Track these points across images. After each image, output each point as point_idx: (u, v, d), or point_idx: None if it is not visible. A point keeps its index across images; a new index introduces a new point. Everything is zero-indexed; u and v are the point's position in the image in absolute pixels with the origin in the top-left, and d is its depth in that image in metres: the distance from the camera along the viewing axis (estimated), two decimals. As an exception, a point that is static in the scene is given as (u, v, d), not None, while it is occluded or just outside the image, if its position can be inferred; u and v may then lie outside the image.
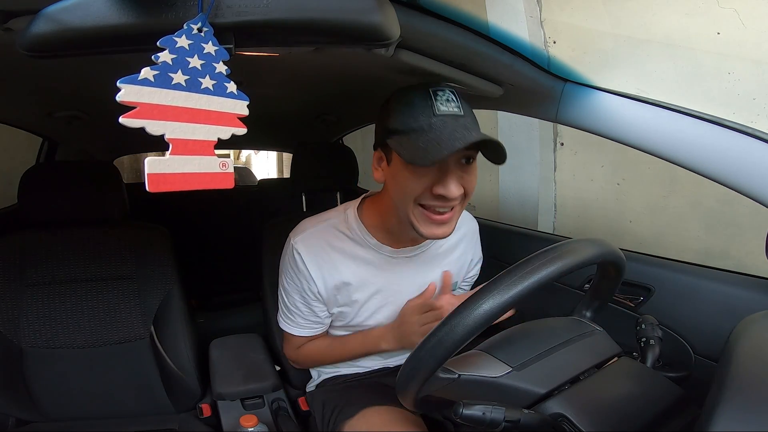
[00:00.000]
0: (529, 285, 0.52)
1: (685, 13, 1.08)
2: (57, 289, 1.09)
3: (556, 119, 0.91)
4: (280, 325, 0.99)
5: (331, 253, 0.86)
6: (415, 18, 0.62)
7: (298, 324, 0.95)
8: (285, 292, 0.94)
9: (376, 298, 0.91)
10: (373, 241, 0.86)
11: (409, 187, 0.71)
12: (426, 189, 0.70)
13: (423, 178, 0.70)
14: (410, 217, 0.73)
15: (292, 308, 0.94)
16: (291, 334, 0.97)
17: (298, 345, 0.99)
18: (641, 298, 0.93)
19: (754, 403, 0.37)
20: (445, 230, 0.74)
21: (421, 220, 0.73)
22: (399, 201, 0.75)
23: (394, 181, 0.75)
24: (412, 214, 0.73)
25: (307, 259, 0.85)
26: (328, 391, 1.00)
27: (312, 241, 0.86)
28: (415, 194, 0.71)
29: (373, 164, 0.81)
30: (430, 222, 0.73)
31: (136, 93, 0.43)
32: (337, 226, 0.87)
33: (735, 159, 0.70)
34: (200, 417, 1.07)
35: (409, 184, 0.71)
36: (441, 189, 0.69)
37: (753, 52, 1.06)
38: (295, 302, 0.92)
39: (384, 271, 0.88)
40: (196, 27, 0.45)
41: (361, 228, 0.86)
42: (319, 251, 0.85)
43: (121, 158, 2.86)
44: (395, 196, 0.76)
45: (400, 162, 0.72)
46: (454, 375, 0.57)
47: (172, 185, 0.45)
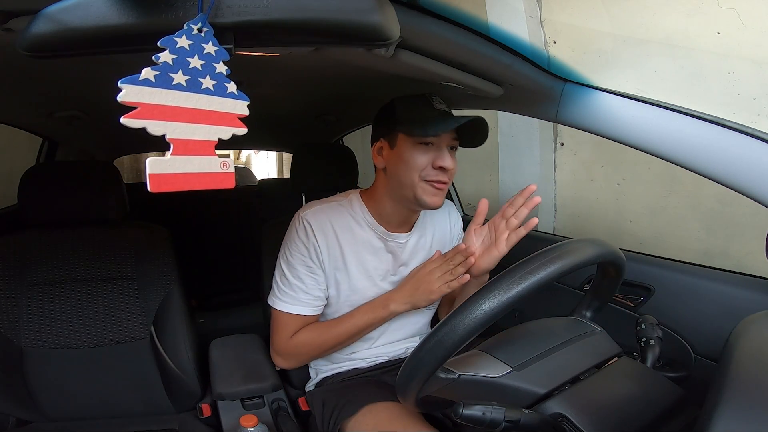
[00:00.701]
0: (529, 285, 0.52)
1: (685, 13, 1.08)
2: (57, 289, 1.09)
3: (556, 119, 0.91)
4: (277, 306, 0.95)
5: (335, 228, 0.95)
6: (415, 18, 0.62)
7: (299, 300, 0.93)
8: (288, 266, 0.94)
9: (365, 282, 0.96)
10: (370, 219, 0.97)
11: (416, 163, 0.87)
12: (428, 163, 0.87)
13: (426, 155, 0.87)
14: (415, 189, 0.88)
15: (294, 282, 0.93)
16: (288, 315, 0.94)
17: (292, 331, 0.96)
18: (641, 298, 0.93)
19: (754, 403, 0.37)
20: (440, 200, 0.91)
21: (426, 190, 0.89)
22: (405, 177, 0.89)
23: (399, 162, 0.89)
24: (419, 187, 0.88)
25: (315, 228, 0.93)
26: (327, 390, 1.00)
27: (320, 215, 0.94)
28: (421, 168, 0.87)
29: (374, 155, 0.96)
30: (432, 190, 0.89)
31: (137, 93, 0.43)
32: (342, 204, 0.98)
33: (735, 159, 0.70)
34: (200, 417, 1.07)
35: (415, 160, 0.87)
36: (441, 161, 0.87)
37: (753, 52, 1.07)
38: (299, 274, 0.93)
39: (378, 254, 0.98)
40: (196, 27, 0.45)
41: (362, 208, 0.97)
42: (325, 223, 0.94)
43: (121, 158, 2.86)
44: (401, 174, 0.89)
45: (407, 142, 0.88)
46: (454, 375, 0.57)
47: (173, 185, 0.45)
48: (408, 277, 0.95)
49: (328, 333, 0.95)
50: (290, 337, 0.96)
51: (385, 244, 0.98)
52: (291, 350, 0.97)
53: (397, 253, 0.99)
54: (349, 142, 1.89)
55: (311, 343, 0.96)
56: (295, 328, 0.96)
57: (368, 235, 0.97)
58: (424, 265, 0.93)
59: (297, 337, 0.96)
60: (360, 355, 1.02)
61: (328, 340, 0.95)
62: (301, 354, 0.99)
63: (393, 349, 1.04)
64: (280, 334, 0.97)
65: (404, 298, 0.92)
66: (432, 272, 0.90)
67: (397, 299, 0.92)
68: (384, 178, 0.94)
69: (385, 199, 0.95)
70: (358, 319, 0.94)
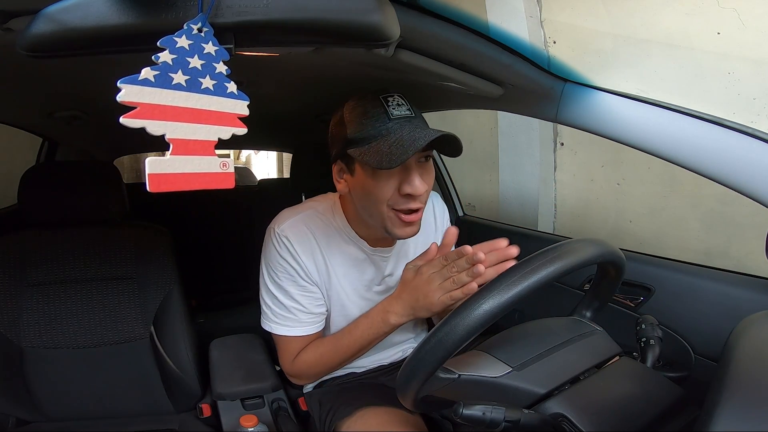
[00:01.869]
0: (529, 285, 0.52)
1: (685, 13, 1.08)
2: (57, 289, 1.09)
3: (556, 119, 0.91)
4: (276, 332, 0.89)
5: (318, 241, 0.87)
6: (415, 18, 0.62)
7: (300, 321, 0.88)
8: (277, 289, 0.87)
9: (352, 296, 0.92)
10: (353, 234, 0.88)
11: (379, 193, 0.75)
12: (394, 191, 0.75)
13: (390, 181, 0.75)
14: (384, 221, 0.78)
15: (290, 305, 0.87)
16: (289, 338, 0.89)
17: (295, 352, 0.91)
18: (641, 298, 0.93)
19: (754, 403, 0.37)
20: (414, 229, 0.80)
21: (395, 223, 0.78)
22: (370, 208, 0.78)
23: (361, 191, 0.78)
24: (387, 218, 0.78)
25: (296, 244, 0.84)
26: (325, 391, 1.00)
27: (299, 228, 0.86)
28: (386, 198, 0.75)
29: (334, 177, 0.84)
30: (402, 223, 0.78)
31: (137, 93, 0.43)
32: (322, 213, 0.89)
33: (735, 159, 0.70)
34: (200, 417, 1.07)
35: (378, 190, 0.75)
36: (408, 188, 0.74)
37: (753, 52, 1.07)
38: (292, 295, 0.86)
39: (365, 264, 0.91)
40: (196, 27, 0.45)
41: (343, 221, 0.89)
42: (306, 237, 0.86)
43: (121, 158, 2.86)
44: (365, 204, 0.79)
45: (364, 171, 0.75)
46: (454, 375, 0.57)
47: (172, 185, 0.45)
48: (403, 284, 0.80)
49: (331, 352, 0.88)
50: (294, 359, 0.91)
51: (369, 257, 0.91)
52: (298, 372, 0.93)
53: (381, 266, 0.93)
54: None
55: (317, 363, 0.90)
56: (297, 349, 0.91)
57: (351, 248, 0.89)
58: (420, 270, 0.77)
59: (301, 357, 0.90)
60: (359, 362, 1.01)
61: (333, 359, 0.89)
62: (310, 374, 0.94)
63: (391, 353, 1.04)
64: (285, 357, 0.92)
65: (404, 310, 0.80)
66: (430, 280, 0.75)
67: (397, 311, 0.80)
68: (350, 202, 0.85)
69: (360, 220, 0.86)
70: (359, 336, 0.85)
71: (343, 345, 0.87)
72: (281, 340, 0.91)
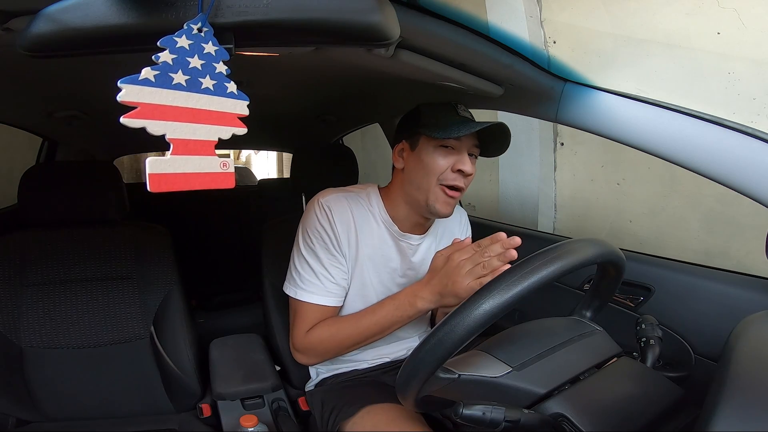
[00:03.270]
0: (529, 285, 0.52)
1: (685, 13, 1.08)
2: (57, 289, 1.09)
3: (556, 119, 0.91)
4: (299, 297, 0.90)
5: (355, 218, 0.94)
6: (415, 18, 0.62)
7: (326, 289, 0.90)
8: (309, 253, 0.91)
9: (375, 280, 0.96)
10: (385, 217, 0.96)
11: (436, 165, 0.87)
12: (448, 167, 0.87)
13: (447, 158, 0.87)
14: (429, 194, 0.89)
15: (319, 270, 0.90)
16: (310, 306, 0.90)
17: (311, 323, 0.91)
18: (641, 298, 0.93)
19: (754, 403, 0.37)
20: (451, 209, 0.91)
21: (438, 197, 0.89)
22: (422, 179, 0.89)
23: (419, 164, 0.90)
24: (432, 192, 0.88)
25: (336, 214, 0.91)
26: (326, 390, 1.00)
27: (341, 203, 0.93)
28: (440, 171, 0.87)
29: (394, 156, 0.96)
30: (445, 198, 0.89)
31: (137, 93, 0.43)
32: (360, 196, 0.97)
33: (735, 159, 0.70)
34: (200, 417, 1.06)
35: (435, 163, 0.87)
36: (460, 165, 0.87)
37: (753, 52, 1.07)
38: (322, 261, 0.90)
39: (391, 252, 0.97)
40: (196, 27, 0.45)
41: (379, 204, 0.97)
42: (345, 212, 0.93)
43: (121, 158, 2.86)
44: (419, 176, 0.90)
45: (428, 145, 0.88)
46: (454, 375, 0.57)
47: (173, 185, 0.45)
48: (433, 269, 0.83)
49: (349, 329, 0.89)
50: (308, 332, 0.91)
51: (396, 243, 0.96)
52: (308, 346, 0.92)
53: (407, 255, 0.97)
54: (349, 142, 1.89)
55: (331, 340, 0.90)
56: (314, 320, 0.91)
57: (382, 231, 0.95)
58: (451, 256, 0.79)
59: (315, 332, 0.91)
60: (362, 356, 1.02)
61: (350, 336, 0.89)
62: (319, 350, 0.93)
63: (395, 349, 1.04)
64: (299, 327, 0.92)
65: (432, 296, 0.82)
66: (460, 266, 0.77)
67: (425, 296, 0.82)
68: (401, 180, 0.94)
69: (400, 200, 0.95)
70: (383, 317, 0.86)
71: (363, 324, 0.88)
72: (301, 308, 0.93)
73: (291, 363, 1.12)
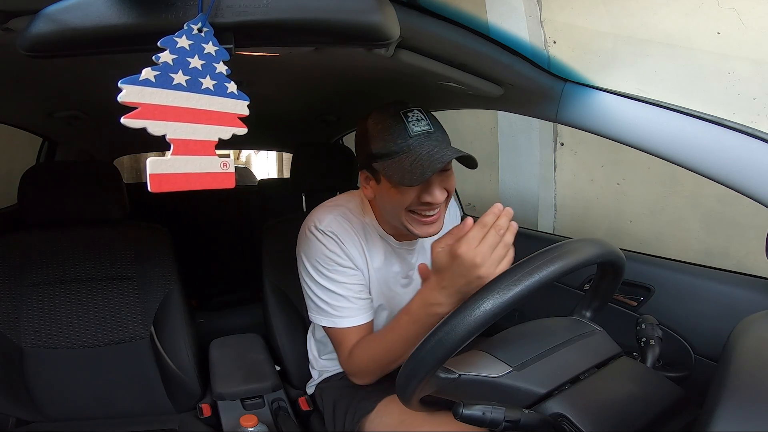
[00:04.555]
0: (529, 285, 0.52)
1: (685, 12, 1.08)
2: (57, 289, 1.09)
3: (556, 119, 0.91)
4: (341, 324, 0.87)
5: (356, 234, 0.91)
6: (415, 18, 0.62)
7: (358, 308, 0.87)
8: (328, 281, 0.87)
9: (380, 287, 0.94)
10: (381, 230, 0.93)
11: (400, 201, 0.81)
12: (414, 199, 0.80)
13: (411, 191, 0.79)
14: (404, 223, 0.83)
15: (345, 293, 0.86)
16: (347, 330, 0.87)
17: (350, 345, 0.88)
18: (641, 298, 0.93)
19: (754, 403, 0.37)
20: (436, 228, 0.84)
21: (414, 224, 0.83)
22: (391, 212, 0.84)
23: (385, 197, 0.84)
24: (405, 221, 0.83)
25: (342, 236, 0.88)
26: (335, 388, 0.98)
27: (341, 223, 0.90)
28: (406, 204, 0.80)
29: (361, 183, 0.90)
30: (421, 224, 0.83)
31: (137, 93, 0.43)
32: (352, 211, 0.93)
33: (735, 159, 0.70)
34: (200, 417, 1.07)
35: (399, 199, 0.80)
36: (428, 197, 0.79)
37: (753, 52, 1.06)
38: (345, 285, 0.87)
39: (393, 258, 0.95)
40: (196, 27, 0.45)
41: (372, 219, 0.93)
42: (348, 231, 0.90)
43: (121, 158, 2.86)
44: (388, 209, 0.85)
45: (388, 182, 0.81)
46: (454, 375, 0.57)
47: (173, 185, 0.45)
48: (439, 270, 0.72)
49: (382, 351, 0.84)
50: (351, 354, 0.88)
51: (395, 250, 0.95)
52: (356, 370, 0.90)
53: (407, 258, 0.97)
54: (349, 142, 1.89)
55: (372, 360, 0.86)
56: (354, 340, 0.88)
57: (380, 242, 0.94)
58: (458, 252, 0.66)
59: (355, 355, 0.87)
60: None
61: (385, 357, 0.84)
62: (367, 371, 0.89)
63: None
64: (342, 352, 0.90)
65: (449, 298, 0.71)
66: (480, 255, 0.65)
67: (442, 301, 0.72)
68: (376, 204, 0.91)
69: (385, 220, 0.91)
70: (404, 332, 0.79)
71: (389, 342, 0.83)
72: (338, 334, 0.89)
73: (291, 363, 1.12)
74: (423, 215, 0.81)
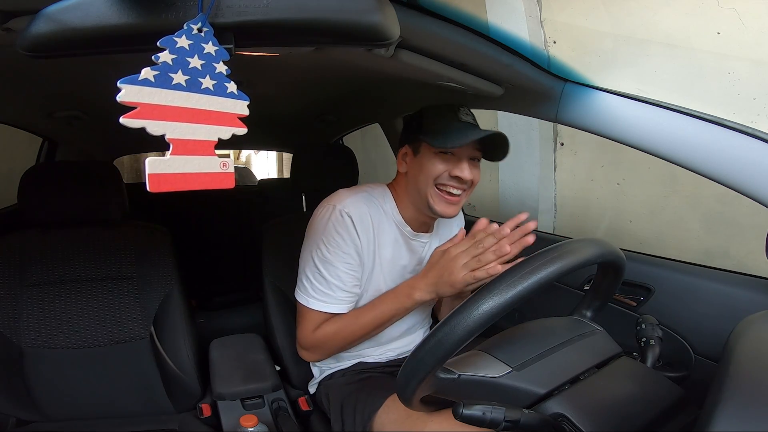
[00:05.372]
0: (529, 285, 0.52)
1: (685, 13, 1.08)
2: (57, 289, 1.09)
3: (556, 119, 0.91)
4: (311, 305, 0.92)
5: (373, 221, 0.94)
6: (415, 18, 0.62)
7: (336, 299, 0.91)
8: (324, 263, 0.91)
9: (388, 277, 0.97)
10: (399, 218, 0.98)
11: (434, 169, 0.89)
12: (446, 171, 0.89)
13: (445, 163, 0.89)
14: (428, 197, 0.91)
15: (331, 281, 0.90)
16: (318, 313, 0.92)
17: (318, 325, 0.93)
18: (641, 298, 0.93)
19: (754, 403, 0.37)
20: (454, 210, 0.92)
21: (438, 200, 0.91)
22: (422, 183, 0.91)
23: (419, 168, 0.92)
24: (430, 195, 0.90)
25: (356, 221, 0.91)
26: (339, 386, 0.98)
27: (360, 207, 0.93)
28: (437, 174, 0.89)
29: (398, 160, 0.98)
30: (444, 201, 0.91)
31: (137, 93, 0.43)
32: (375, 197, 0.97)
33: (735, 159, 0.70)
34: (200, 417, 1.06)
35: (434, 167, 0.89)
36: (458, 171, 0.88)
37: (753, 52, 1.06)
38: (338, 272, 0.90)
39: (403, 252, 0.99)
40: (196, 27, 0.45)
41: (392, 205, 0.98)
42: (365, 216, 0.93)
43: (121, 158, 2.86)
44: (419, 180, 0.92)
45: (428, 151, 0.90)
46: (454, 375, 0.57)
47: (172, 185, 0.45)
48: (431, 263, 0.88)
49: (352, 325, 0.91)
50: (314, 330, 0.93)
51: (407, 242, 0.99)
52: (315, 344, 0.94)
53: (418, 252, 1.01)
54: (349, 142, 1.89)
55: (336, 336, 0.92)
56: (322, 321, 0.93)
57: (395, 232, 0.97)
58: (449, 249, 0.84)
59: (321, 329, 0.92)
60: (367, 352, 1.02)
61: (353, 332, 0.92)
62: (325, 347, 0.95)
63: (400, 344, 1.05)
64: (307, 327, 0.94)
65: (428, 287, 0.86)
66: (456, 259, 0.82)
67: (421, 287, 0.87)
68: (404, 182, 0.97)
69: (407, 201, 0.97)
70: (382, 311, 0.90)
71: (364, 319, 0.91)
72: (310, 313, 0.93)
73: (291, 363, 1.12)
74: (448, 192, 0.90)
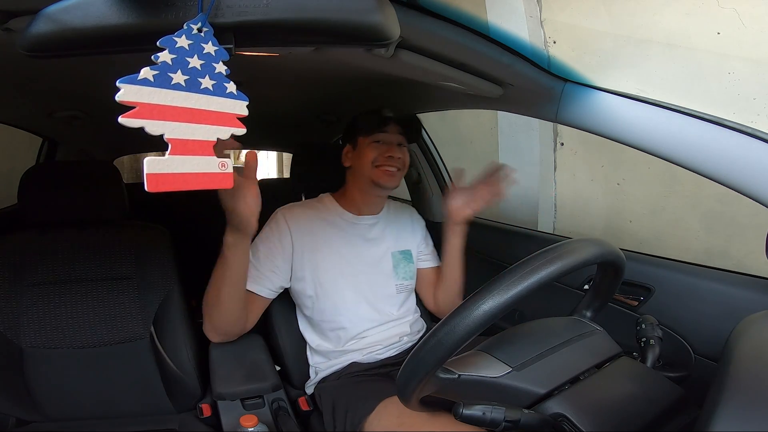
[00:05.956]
0: (529, 285, 0.52)
1: (685, 13, 1.08)
2: (57, 289, 1.09)
3: (556, 119, 0.91)
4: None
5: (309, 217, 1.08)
6: (415, 18, 0.62)
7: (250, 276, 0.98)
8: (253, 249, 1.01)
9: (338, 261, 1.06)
10: (339, 210, 1.12)
11: (371, 154, 1.06)
12: (379, 154, 1.06)
13: (378, 149, 1.07)
14: (371, 177, 1.07)
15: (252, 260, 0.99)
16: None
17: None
18: (641, 298, 0.93)
19: (754, 403, 0.37)
20: (395, 181, 1.08)
21: (379, 174, 1.06)
22: (365, 168, 1.07)
23: (359, 158, 1.09)
24: (373, 174, 1.06)
25: (288, 217, 1.05)
26: (334, 388, 0.99)
27: (295, 209, 1.09)
28: (374, 157, 1.06)
29: (343, 156, 1.14)
30: (385, 174, 1.06)
31: (136, 93, 0.43)
32: (314, 201, 1.15)
33: (735, 159, 0.70)
34: (200, 417, 1.06)
35: (371, 152, 1.07)
36: (389, 152, 1.07)
37: (753, 52, 1.07)
38: (258, 255, 1.01)
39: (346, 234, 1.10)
40: (196, 27, 0.45)
41: (331, 202, 1.14)
42: (300, 215, 1.08)
43: (121, 158, 2.85)
44: (362, 166, 1.08)
45: (363, 143, 1.09)
46: (454, 375, 0.57)
47: (171, 185, 0.45)
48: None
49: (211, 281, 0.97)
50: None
51: (353, 226, 1.11)
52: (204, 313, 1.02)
53: (365, 233, 1.12)
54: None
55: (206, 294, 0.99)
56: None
57: (337, 221, 1.11)
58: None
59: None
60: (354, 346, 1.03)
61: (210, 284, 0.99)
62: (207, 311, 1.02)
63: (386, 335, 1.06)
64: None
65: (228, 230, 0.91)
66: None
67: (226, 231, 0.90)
68: (350, 175, 1.13)
69: (354, 190, 1.12)
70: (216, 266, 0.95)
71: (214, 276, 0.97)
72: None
73: (291, 363, 1.12)
74: (387, 167, 1.06)
